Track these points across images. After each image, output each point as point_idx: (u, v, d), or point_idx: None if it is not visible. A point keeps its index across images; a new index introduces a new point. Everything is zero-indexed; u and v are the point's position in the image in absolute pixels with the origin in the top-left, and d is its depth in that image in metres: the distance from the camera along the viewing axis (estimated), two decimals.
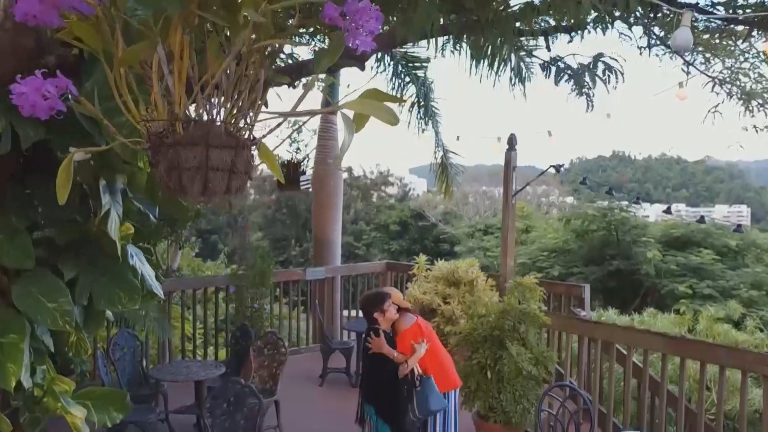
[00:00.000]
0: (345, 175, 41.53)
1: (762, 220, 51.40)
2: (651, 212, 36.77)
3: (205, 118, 2.02)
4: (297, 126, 10.30)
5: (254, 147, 2.10)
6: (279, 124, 2.15)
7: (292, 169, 7.26)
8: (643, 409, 5.38)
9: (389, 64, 9.39)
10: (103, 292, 3.32)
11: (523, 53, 6.30)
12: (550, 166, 6.03)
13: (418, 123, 10.35)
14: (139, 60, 1.95)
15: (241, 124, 2.09)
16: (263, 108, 2.13)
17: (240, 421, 4.79)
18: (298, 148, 7.46)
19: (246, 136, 2.08)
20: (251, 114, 2.09)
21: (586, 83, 6.01)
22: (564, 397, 5.33)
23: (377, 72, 9.49)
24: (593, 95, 6.07)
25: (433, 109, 10.40)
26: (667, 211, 5.86)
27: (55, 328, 3.02)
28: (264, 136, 2.10)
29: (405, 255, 27.98)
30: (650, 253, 18.43)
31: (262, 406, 4.88)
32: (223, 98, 2.02)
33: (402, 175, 45.78)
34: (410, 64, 9.39)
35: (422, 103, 10.24)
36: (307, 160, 7.44)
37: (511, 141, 6.36)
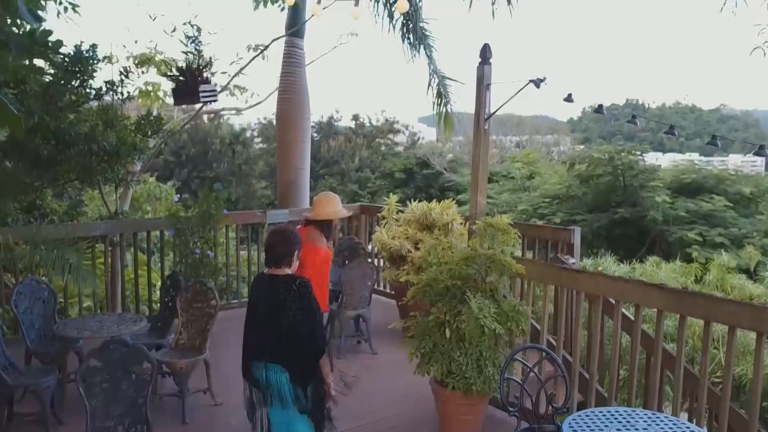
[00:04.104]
0: (351, 123, 40.47)
1: None
2: (664, 161, 35.61)
3: None
4: (259, 51, 9.20)
5: None
6: None
7: (189, 76, 6.07)
8: (633, 377, 4.40)
9: None
10: None
11: None
12: (529, 80, 4.92)
13: (410, 49, 9.23)
14: None
15: None
16: None
17: (127, 390, 3.86)
18: (198, 48, 6.19)
19: None
20: None
21: None
22: (537, 361, 4.38)
23: None
24: None
25: (423, 31, 9.24)
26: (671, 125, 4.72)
27: None
28: None
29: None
30: (659, 197, 17.34)
31: (155, 371, 3.96)
32: None
33: (410, 123, 44.58)
34: None
35: (411, 26, 9.09)
36: (211, 65, 6.21)
37: (485, 53, 5.23)
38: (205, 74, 6.16)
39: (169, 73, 6.38)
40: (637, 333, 4.41)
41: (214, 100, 6.57)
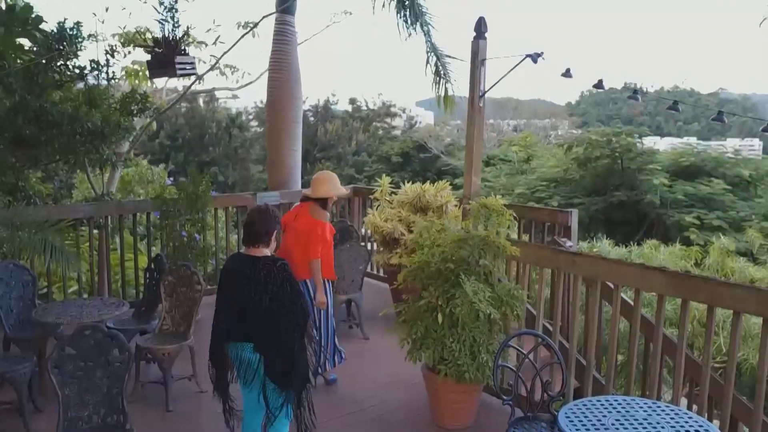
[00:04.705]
0: (348, 107, 40.05)
1: None
2: (662, 145, 35.41)
3: None
4: (249, 29, 8.93)
5: None
6: None
7: (165, 47, 5.82)
8: (632, 364, 4.24)
9: None
10: None
11: None
12: (526, 55, 4.71)
13: (406, 27, 8.94)
14: None
15: None
16: None
17: (102, 379, 3.68)
18: (174, 16, 5.93)
19: None
20: None
21: None
22: (532, 347, 4.21)
23: None
24: None
25: (420, 8, 8.96)
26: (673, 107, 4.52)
27: None
28: None
29: None
30: (657, 180, 17.15)
31: (131, 359, 3.78)
32: None
33: (408, 107, 44.18)
34: None
35: (407, 3, 8.82)
36: (188, 36, 5.96)
37: (479, 27, 5.02)
38: (182, 46, 5.90)
39: (143, 44, 6.11)
40: (636, 318, 4.24)
41: (193, 73, 6.31)
